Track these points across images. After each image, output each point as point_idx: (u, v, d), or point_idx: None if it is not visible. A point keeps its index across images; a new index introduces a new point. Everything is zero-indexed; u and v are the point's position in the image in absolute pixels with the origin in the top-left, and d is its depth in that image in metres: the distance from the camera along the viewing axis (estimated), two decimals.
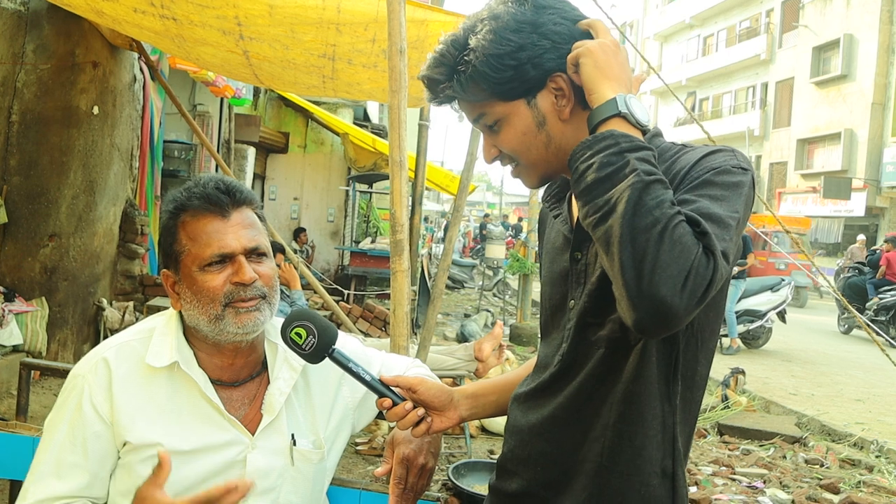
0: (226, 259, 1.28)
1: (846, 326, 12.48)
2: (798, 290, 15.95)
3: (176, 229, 1.31)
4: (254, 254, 1.31)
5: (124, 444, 1.27)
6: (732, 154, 1.06)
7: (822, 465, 5.02)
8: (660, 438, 1.09)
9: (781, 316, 9.98)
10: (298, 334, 1.24)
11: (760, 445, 5.47)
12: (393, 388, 1.29)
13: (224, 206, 1.30)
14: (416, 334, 4.33)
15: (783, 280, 10.12)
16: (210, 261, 1.27)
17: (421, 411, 1.28)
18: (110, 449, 1.28)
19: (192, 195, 1.31)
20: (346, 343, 1.32)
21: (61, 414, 1.29)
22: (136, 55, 5.85)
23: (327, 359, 1.27)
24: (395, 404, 1.27)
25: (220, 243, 1.28)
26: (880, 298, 11.90)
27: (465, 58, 1.11)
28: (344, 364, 1.27)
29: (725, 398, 6.43)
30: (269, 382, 1.37)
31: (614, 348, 1.10)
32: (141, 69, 6.18)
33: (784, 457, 5.21)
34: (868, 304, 12.12)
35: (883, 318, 11.47)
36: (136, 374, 1.29)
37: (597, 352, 1.12)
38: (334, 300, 6.05)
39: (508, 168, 1.22)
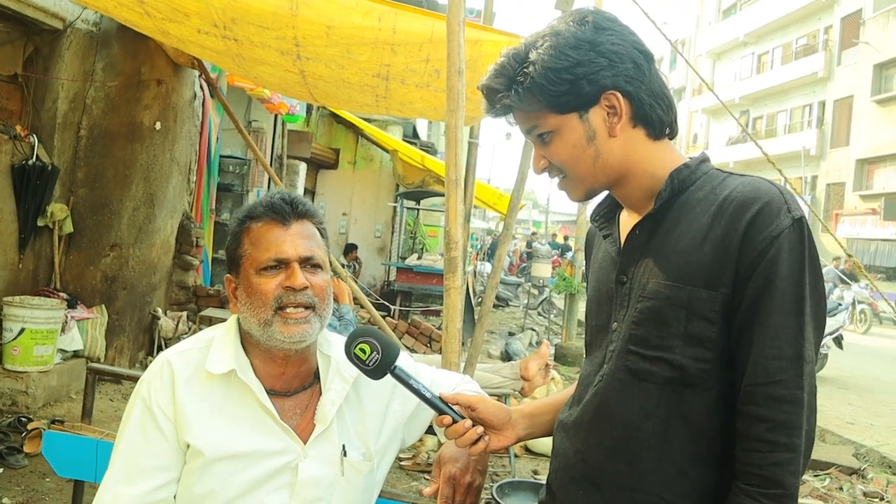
0: (281, 264, 1.33)
1: None
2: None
3: (241, 235, 1.38)
4: (308, 263, 1.36)
5: (188, 447, 1.31)
6: (783, 200, 1.08)
7: (882, 499, 4.83)
8: (717, 475, 1.10)
9: (838, 341, 9.66)
10: (363, 350, 1.27)
11: (815, 476, 5.29)
12: (453, 406, 1.30)
13: (286, 215, 1.37)
14: (461, 352, 4.33)
15: (840, 304, 9.81)
16: (266, 264, 1.33)
17: (480, 429, 1.30)
18: (177, 449, 1.32)
19: (259, 204, 1.39)
20: (402, 358, 1.35)
21: (130, 419, 1.35)
22: (196, 73, 6.06)
23: (388, 375, 1.29)
24: (454, 422, 1.29)
25: (277, 249, 1.33)
26: None
27: (525, 69, 1.14)
28: (405, 381, 1.30)
29: None
30: (321, 393, 1.40)
31: (665, 384, 1.11)
32: (201, 86, 6.40)
33: (841, 488, 5.03)
34: None
35: None
36: (197, 379, 1.34)
37: (642, 384, 1.13)
38: (380, 315, 6.10)
39: (555, 181, 1.24)
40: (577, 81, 1.12)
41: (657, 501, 1.11)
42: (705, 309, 1.08)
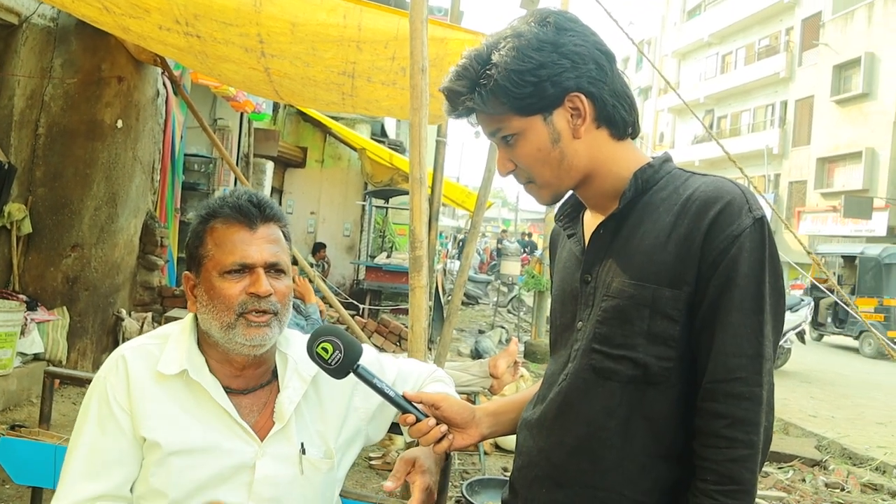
0: (245, 269, 1.32)
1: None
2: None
3: (204, 234, 1.35)
4: (273, 269, 1.34)
5: (144, 441, 1.30)
6: (744, 200, 1.09)
7: (843, 490, 4.95)
8: (679, 471, 1.11)
9: (800, 336, 9.88)
10: (325, 349, 1.27)
11: (779, 468, 5.40)
12: (416, 405, 1.30)
13: (253, 218, 1.34)
14: (430, 350, 4.33)
15: (802, 300, 10.03)
16: (230, 268, 1.31)
17: (444, 428, 1.30)
18: (135, 444, 1.31)
19: (224, 204, 1.36)
20: (364, 352, 1.34)
21: (87, 416, 1.32)
22: (159, 70, 5.96)
23: (351, 374, 1.28)
24: (418, 420, 1.28)
25: (242, 253, 1.31)
26: None
27: (488, 72, 1.14)
28: (368, 380, 1.29)
29: None
30: (279, 391, 1.39)
31: (627, 382, 1.12)
32: (164, 84, 6.29)
33: (803, 480, 5.14)
34: None
35: None
36: (152, 375, 1.33)
37: (606, 383, 1.13)
38: (349, 314, 6.07)
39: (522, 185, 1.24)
40: (540, 83, 1.12)
41: (619, 499, 1.12)
42: (669, 307, 1.09)
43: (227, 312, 1.30)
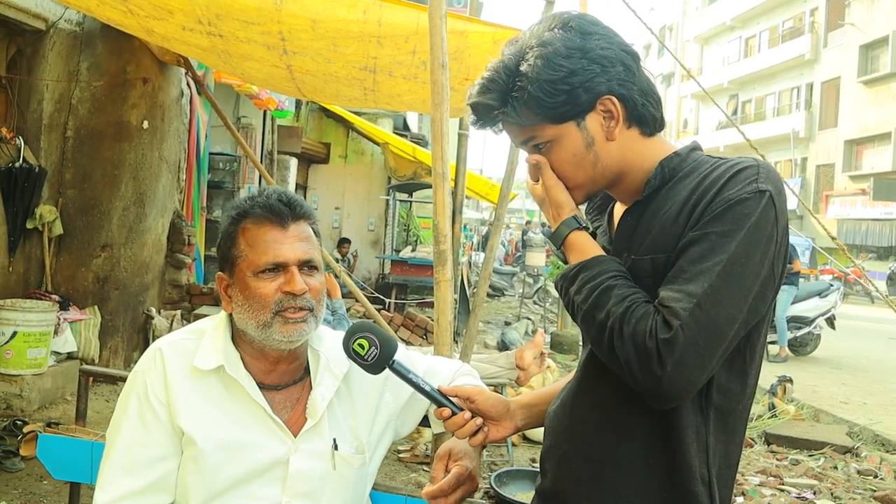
0: (279, 268, 1.33)
1: None
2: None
3: (236, 234, 1.37)
4: (306, 266, 1.36)
5: (182, 434, 1.32)
6: (755, 172, 1.07)
7: (875, 477, 4.88)
8: (695, 447, 1.10)
9: (830, 322, 9.73)
10: (361, 345, 1.28)
11: (810, 455, 5.33)
12: (451, 399, 1.31)
13: (284, 217, 1.36)
14: (456, 342, 4.34)
15: (832, 285, 9.87)
16: (264, 268, 1.32)
17: (479, 421, 1.30)
18: (174, 436, 1.33)
19: (255, 204, 1.37)
20: (400, 353, 1.36)
21: (126, 411, 1.34)
22: (183, 71, 6.03)
23: (387, 369, 1.30)
24: (453, 414, 1.29)
25: (275, 252, 1.33)
26: None
27: (519, 83, 1.13)
28: (404, 375, 1.30)
29: (772, 407, 6.29)
30: (311, 388, 1.41)
31: None
32: (188, 84, 6.36)
33: (835, 467, 5.07)
34: None
35: None
36: (188, 370, 1.35)
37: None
38: (375, 308, 6.11)
39: None
40: (573, 91, 1.11)
41: (646, 470, 1.13)
42: (667, 271, 1.07)
43: (263, 311, 1.32)
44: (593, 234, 1.24)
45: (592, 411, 1.18)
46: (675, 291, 1.03)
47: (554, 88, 1.11)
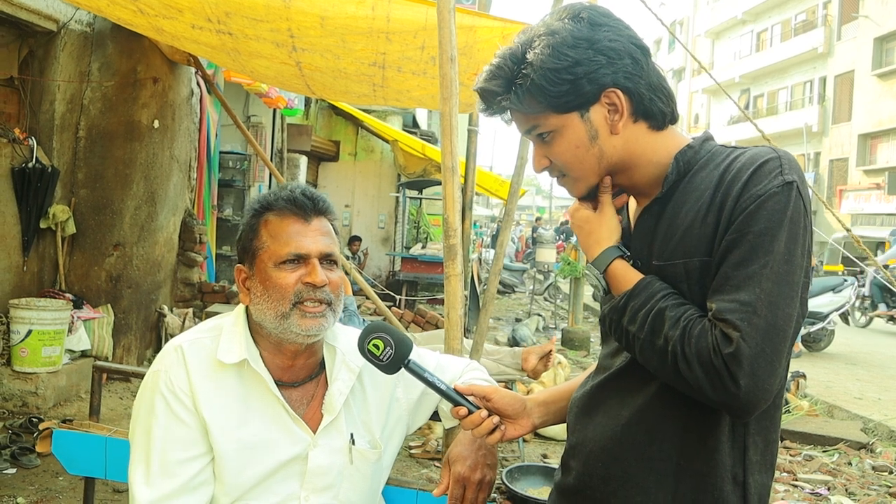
0: (300, 260, 1.34)
1: None
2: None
3: (258, 226, 1.38)
4: (326, 260, 1.37)
5: (207, 427, 1.31)
6: (778, 164, 1.06)
7: (891, 473, 4.84)
8: (729, 445, 1.10)
9: (844, 317, 9.64)
10: (376, 346, 1.28)
11: (824, 451, 5.30)
12: (468, 397, 1.31)
13: (307, 210, 1.38)
14: (467, 338, 4.32)
15: (846, 280, 9.79)
16: (286, 258, 1.34)
17: (496, 419, 1.30)
18: (204, 430, 1.32)
19: (279, 197, 1.39)
20: (415, 352, 1.37)
21: (153, 412, 1.32)
22: (193, 70, 6.06)
23: (403, 369, 1.30)
24: (470, 413, 1.29)
25: (298, 244, 1.34)
26: None
27: (523, 71, 1.13)
28: (420, 374, 1.30)
29: (786, 402, 6.25)
30: (327, 384, 1.42)
31: None
32: (198, 83, 6.39)
33: (849, 463, 5.04)
34: None
35: None
36: (208, 367, 1.35)
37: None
38: (386, 306, 6.12)
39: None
40: (577, 81, 1.11)
41: (675, 469, 1.12)
42: (705, 276, 1.07)
43: (282, 302, 1.32)
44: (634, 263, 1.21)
45: (623, 409, 1.17)
46: (727, 301, 1.02)
47: (557, 77, 1.11)
